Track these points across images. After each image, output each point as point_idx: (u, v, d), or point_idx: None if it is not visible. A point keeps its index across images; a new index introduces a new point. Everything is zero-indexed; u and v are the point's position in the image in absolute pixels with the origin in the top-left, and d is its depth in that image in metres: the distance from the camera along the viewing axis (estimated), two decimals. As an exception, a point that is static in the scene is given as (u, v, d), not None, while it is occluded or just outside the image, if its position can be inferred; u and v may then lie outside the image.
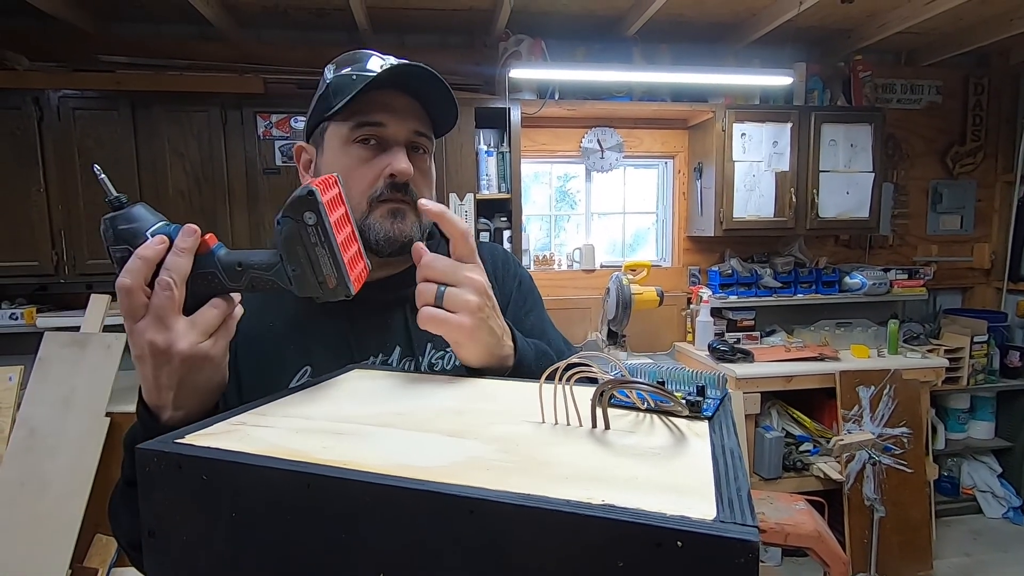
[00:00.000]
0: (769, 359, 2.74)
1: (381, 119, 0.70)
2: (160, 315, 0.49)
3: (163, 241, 0.50)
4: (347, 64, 0.72)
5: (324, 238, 0.50)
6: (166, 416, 0.53)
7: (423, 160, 0.74)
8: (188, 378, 0.51)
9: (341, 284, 0.51)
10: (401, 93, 0.71)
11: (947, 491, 3.19)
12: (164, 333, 0.49)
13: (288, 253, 0.50)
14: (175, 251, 0.49)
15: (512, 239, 2.74)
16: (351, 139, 0.70)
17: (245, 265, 0.51)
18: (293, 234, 0.50)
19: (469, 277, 0.58)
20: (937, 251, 3.44)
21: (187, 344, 0.49)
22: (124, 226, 0.50)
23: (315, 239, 0.50)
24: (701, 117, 2.97)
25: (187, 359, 0.50)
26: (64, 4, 2.37)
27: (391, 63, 0.70)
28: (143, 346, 0.49)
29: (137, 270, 0.48)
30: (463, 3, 2.55)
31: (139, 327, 0.49)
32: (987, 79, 3.35)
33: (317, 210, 0.49)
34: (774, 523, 1.89)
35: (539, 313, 0.86)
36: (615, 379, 0.43)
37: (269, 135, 2.49)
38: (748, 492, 0.31)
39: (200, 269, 0.51)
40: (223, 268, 0.51)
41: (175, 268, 0.49)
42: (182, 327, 0.49)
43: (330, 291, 0.51)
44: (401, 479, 0.32)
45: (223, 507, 0.36)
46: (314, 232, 0.49)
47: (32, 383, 2.13)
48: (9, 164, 2.32)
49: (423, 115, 0.73)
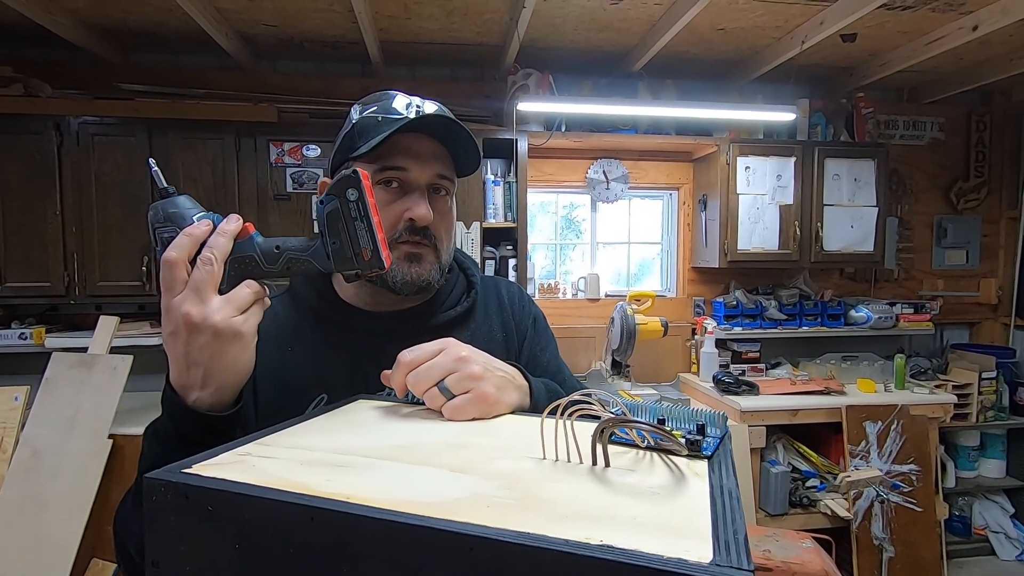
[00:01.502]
0: (774, 392, 2.72)
1: (404, 164, 0.72)
2: (199, 288, 0.52)
3: (209, 224, 0.53)
4: (373, 104, 0.74)
5: (363, 212, 0.54)
6: (193, 397, 0.54)
7: (444, 202, 0.76)
8: (219, 353, 0.53)
9: (375, 257, 0.55)
10: (425, 137, 0.73)
11: (958, 531, 3.11)
12: (200, 306, 0.51)
13: (329, 227, 0.55)
14: (218, 232, 0.53)
15: (517, 267, 2.76)
16: (373, 181, 0.72)
17: (283, 248, 0.55)
18: (335, 210, 0.54)
19: (452, 358, 0.58)
20: (943, 286, 3.44)
21: (221, 316, 0.52)
22: (173, 209, 0.55)
23: (355, 213, 0.54)
24: (705, 150, 3.02)
25: (220, 332, 0.52)
26: (89, 35, 2.46)
27: (416, 104, 0.72)
28: (178, 320, 0.51)
29: (183, 246, 0.52)
30: (473, 38, 2.63)
31: (176, 301, 0.52)
32: (989, 116, 3.39)
33: (359, 187, 0.54)
34: (780, 561, 1.85)
35: (553, 351, 0.87)
36: (615, 417, 0.43)
37: (281, 162, 2.55)
38: (745, 535, 0.32)
39: (240, 253, 0.54)
40: (261, 252, 0.55)
41: (216, 247, 0.52)
42: (217, 302, 0.52)
43: (365, 263, 0.55)
44: (402, 514, 0.33)
45: (227, 538, 0.37)
46: (355, 207, 0.54)
47: (37, 403, 2.14)
48: (28, 187, 2.38)
49: (446, 158, 0.75)
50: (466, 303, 0.81)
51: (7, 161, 2.36)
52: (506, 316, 0.85)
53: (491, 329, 0.83)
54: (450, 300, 0.82)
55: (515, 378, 0.63)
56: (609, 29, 2.54)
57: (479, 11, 2.35)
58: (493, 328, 0.83)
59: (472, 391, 0.56)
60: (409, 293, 0.74)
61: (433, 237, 0.74)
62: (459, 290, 0.84)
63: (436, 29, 2.52)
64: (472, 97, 2.90)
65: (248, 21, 2.42)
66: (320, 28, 2.50)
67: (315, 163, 2.58)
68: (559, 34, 2.60)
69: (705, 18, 2.35)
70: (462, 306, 0.81)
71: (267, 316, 0.78)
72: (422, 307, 0.80)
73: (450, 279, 0.84)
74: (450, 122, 0.71)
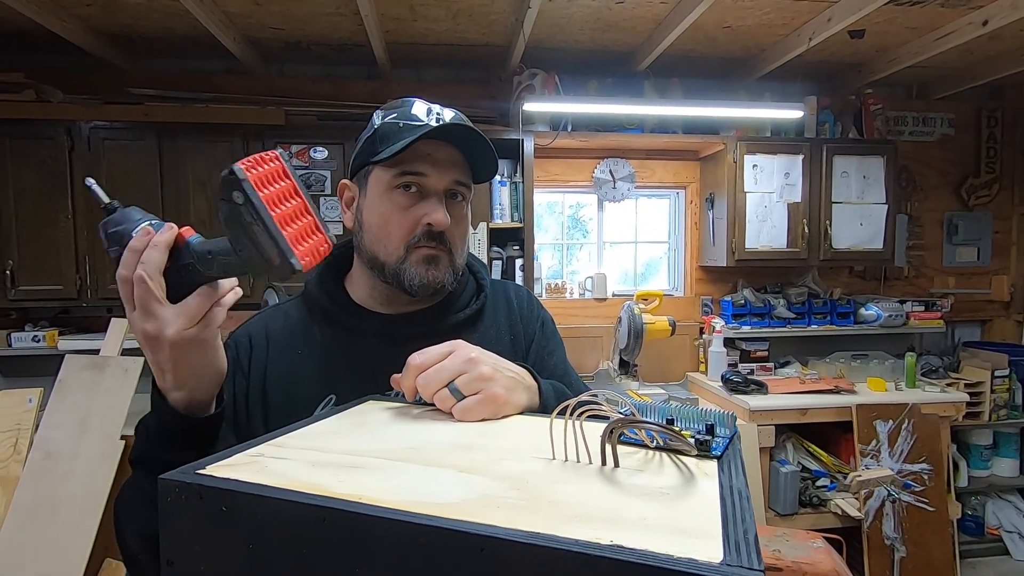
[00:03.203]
0: (784, 391, 2.70)
1: (423, 169, 0.73)
2: (144, 305, 0.52)
3: (148, 232, 0.53)
4: (394, 110, 0.76)
5: (256, 216, 0.49)
6: (172, 397, 0.57)
7: (460, 208, 0.78)
8: (182, 361, 0.55)
9: (284, 262, 0.50)
10: (444, 143, 0.74)
11: (971, 531, 3.08)
12: (152, 322, 0.52)
13: (232, 235, 0.51)
14: (150, 246, 0.52)
15: (524, 267, 2.76)
16: (393, 185, 0.74)
17: (213, 252, 0.53)
18: (229, 215, 0.49)
19: (461, 359, 0.59)
20: (954, 283, 3.40)
21: (174, 331, 0.52)
22: (114, 228, 0.54)
23: (249, 218, 0.49)
24: (712, 149, 3.01)
25: (176, 344, 0.53)
26: (99, 41, 2.49)
27: (436, 111, 0.74)
28: (138, 335, 0.54)
29: (129, 262, 0.52)
30: (479, 39, 2.64)
31: (133, 317, 0.53)
32: (1001, 111, 3.36)
33: (242, 188, 0.49)
34: (791, 561, 1.84)
35: (561, 355, 0.87)
36: (625, 418, 0.43)
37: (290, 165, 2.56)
38: (755, 535, 0.32)
39: (180, 261, 0.53)
40: (197, 257, 0.53)
41: (148, 261, 0.52)
42: (168, 315, 0.52)
43: (277, 268, 0.50)
44: (414, 515, 0.33)
45: (241, 538, 0.37)
46: (246, 211, 0.49)
47: (51, 405, 2.16)
48: (40, 191, 2.41)
49: (463, 164, 0.76)
50: (475, 306, 0.82)
51: (20, 166, 2.40)
52: (514, 319, 0.85)
53: (499, 332, 0.83)
54: (460, 303, 0.83)
55: (524, 379, 0.64)
56: (614, 28, 2.54)
57: (484, 12, 2.35)
58: (501, 331, 0.83)
59: (482, 392, 0.57)
60: (424, 296, 0.75)
61: (448, 242, 0.75)
62: (469, 293, 0.85)
63: (442, 31, 2.53)
64: (478, 98, 2.90)
65: (255, 25, 2.44)
66: (327, 31, 2.52)
67: (322, 165, 2.59)
68: (564, 34, 2.60)
69: (711, 16, 2.35)
70: (471, 308, 0.82)
71: (278, 318, 0.80)
72: (431, 309, 0.80)
73: (460, 282, 0.85)
74: (470, 130, 0.72)
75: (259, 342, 0.77)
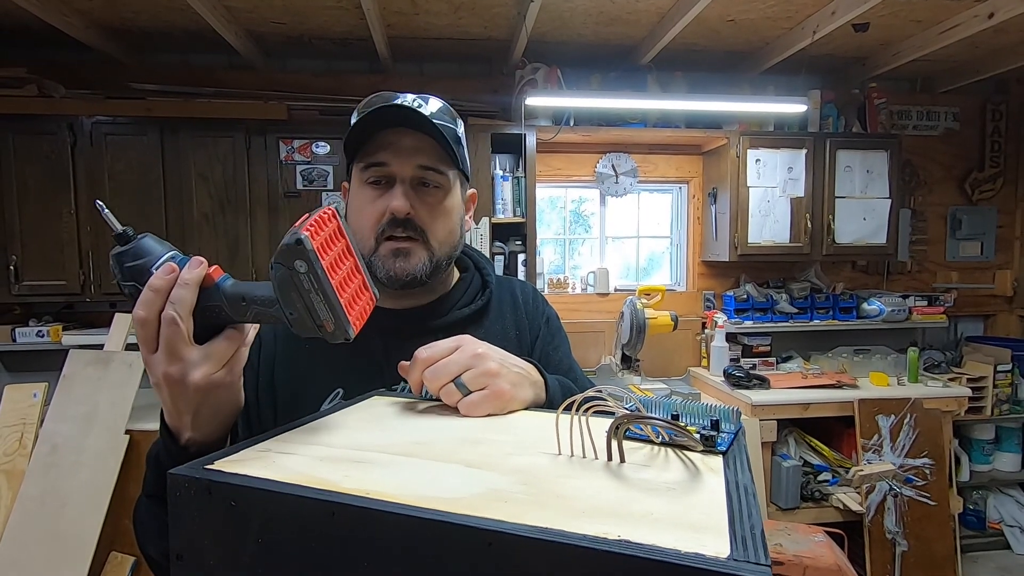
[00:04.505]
0: (786, 386, 2.70)
1: (384, 158, 0.72)
2: (171, 348, 0.49)
3: (173, 270, 0.50)
4: (364, 108, 0.74)
5: (318, 285, 0.48)
6: (185, 438, 0.54)
7: (432, 194, 0.74)
8: (204, 404, 0.52)
9: (339, 328, 0.49)
10: (408, 131, 0.72)
11: (973, 525, 3.08)
12: (177, 364, 0.49)
13: (284, 298, 0.49)
14: (180, 284, 0.49)
15: (526, 262, 2.76)
16: (363, 179, 0.74)
17: (248, 300, 0.50)
18: (286, 280, 0.48)
19: (468, 354, 0.59)
20: (957, 278, 3.39)
21: (201, 375, 0.50)
22: (131, 263, 0.50)
23: (308, 286, 0.48)
24: (715, 143, 2.99)
25: (201, 388, 0.50)
26: (101, 36, 2.48)
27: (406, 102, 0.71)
28: (159, 377, 0.50)
29: (150, 302, 0.49)
30: (481, 33, 2.62)
31: (155, 359, 0.50)
32: (1006, 105, 3.34)
33: (307, 258, 0.47)
34: (792, 555, 1.85)
35: (566, 351, 0.88)
36: (630, 413, 0.44)
37: (291, 159, 2.56)
38: (762, 530, 0.32)
39: (207, 302, 0.50)
40: (228, 302, 0.51)
41: (179, 301, 0.49)
42: (195, 357, 0.50)
43: (329, 335, 0.49)
44: (422, 510, 0.34)
45: (250, 532, 0.37)
46: (307, 279, 0.47)
47: (56, 400, 2.17)
48: (43, 187, 2.41)
49: (432, 150, 0.73)
50: (480, 301, 0.82)
51: (23, 161, 2.40)
52: (519, 315, 0.86)
53: (504, 327, 0.83)
54: (465, 298, 0.83)
55: (530, 374, 0.64)
56: (617, 22, 2.53)
57: (487, 5, 2.34)
58: (506, 327, 0.84)
59: (488, 387, 0.57)
60: (395, 288, 0.74)
61: (419, 230, 0.73)
62: (474, 289, 0.85)
63: (444, 24, 2.52)
64: (480, 92, 2.89)
65: (257, 19, 2.43)
66: (328, 25, 2.51)
67: (325, 160, 2.59)
68: (567, 28, 2.59)
69: (715, 9, 2.33)
70: (476, 304, 0.82)
71: None
72: (436, 304, 0.81)
73: (466, 278, 0.85)
74: (411, 112, 0.69)
75: (267, 338, 0.78)
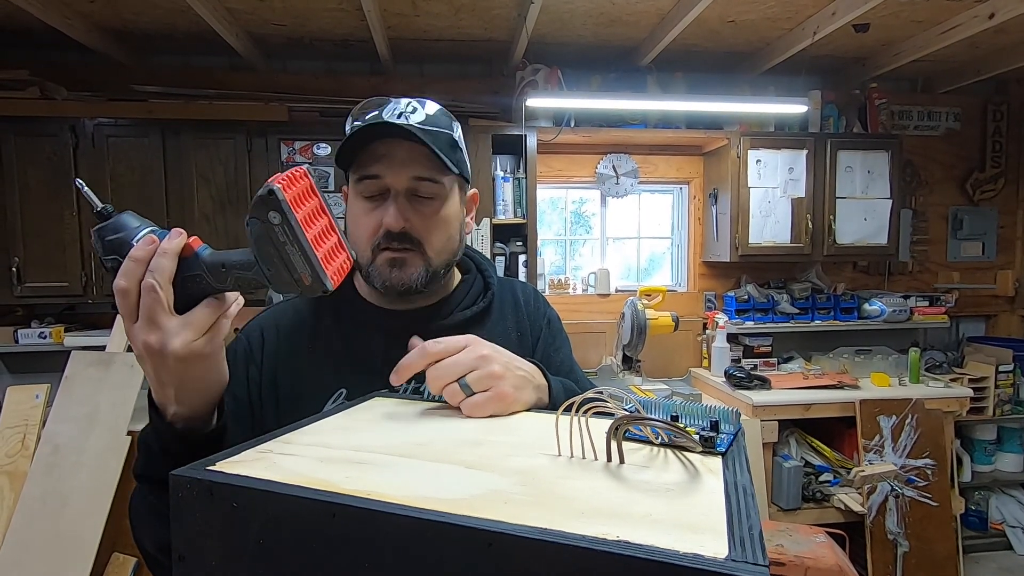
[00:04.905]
0: (787, 386, 2.70)
1: (377, 171, 0.71)
2: (150, 316, 0.50)
3: (152, 241, 0.51)
4: (359, 114, 0.74)
5: (292, 236, 0.48)
6: (171, 412, 0.55)
7: (427, 204, 0.73)
8: (186, 375, 0.53)
9: (316, 281, 0.50)
10: (401, 141, 0.70)
11: (975, 526, 3.08)
12: (157, 333, 0.50)
13: (260, 253, 0.49)
14: (159, 253, 0.50)
15: (527, 263, 2.76)
16: (359, 191, 0.74)
17: (228, 266, 0.51)
18: (261, 234, 0.48)
19: (474, 355, 0.59)
20: (959, 278, 3.39)
21: (180, 343, 0.50)
22: (111, 236, 0.52)
23: (284, 238, 0.48)
24: (716, 144, 3.00)
25: (181, 358, 0.51)
26: (102, 38, 2.49)
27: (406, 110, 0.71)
28: (139, 347, 0.51)
29: (131, 271, 0.50)
30: (481, 34, 2.63)
31: (136, 328, 0.51)
32: (1006, 105, 3.33)
33: (280, 209, 0.47)
34: (793, 556, 1.85)
35: (567, 352, 0.88)
36: (630, 414, 0.44)
37: (292, 161, 2.57)
38: (760, 531, 0.32)
39: (187, 272, 0.51)
40: (208, 269, 0.51)
41: (158, 269, 0.50)
42: (174, 326, 0.50)
43: (307, 287, 0.50)
44: (422, 511, 0.34)
45: (251, 533, 0.38)
46: (281, 230, 0.48)
47: (58, 401, 2.18)
48: (45, 188, 2.41)
49: (427, 158, 0.71)
50: (482, 303, 0.82)
51: (25, 163, 2.40)
52: (521, 317, 0.86)
53: (506, 329, 0.84)
54: (467, 300, 0.83)
55: (534, 377, 0.64)
56: (618, 23, 2.53)
57: (487, 7, 2.34)
58: (508, 328, 0.84)
59: (492, 389, 0.57)
60: (392, 296, 0.75)
61: (416, 241, 0.73)
62: (476, 290, 0.85)
63: (444, 26, 2.52)
64: (481, 93, 2.90)
65: (257, 21, 2.44)
66: (329, 27, 2.51)
67: (325, 161, 2.59)
68: (567, 29, 2.59)
69: (715, 10, 2.33)
70: (478, 306, 0.82)
71: (288, 313, 0.80)
72: (438, 306, 0.81)
73: (468, 279, 0.86)
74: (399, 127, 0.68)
75: (270, 336, 0.78)
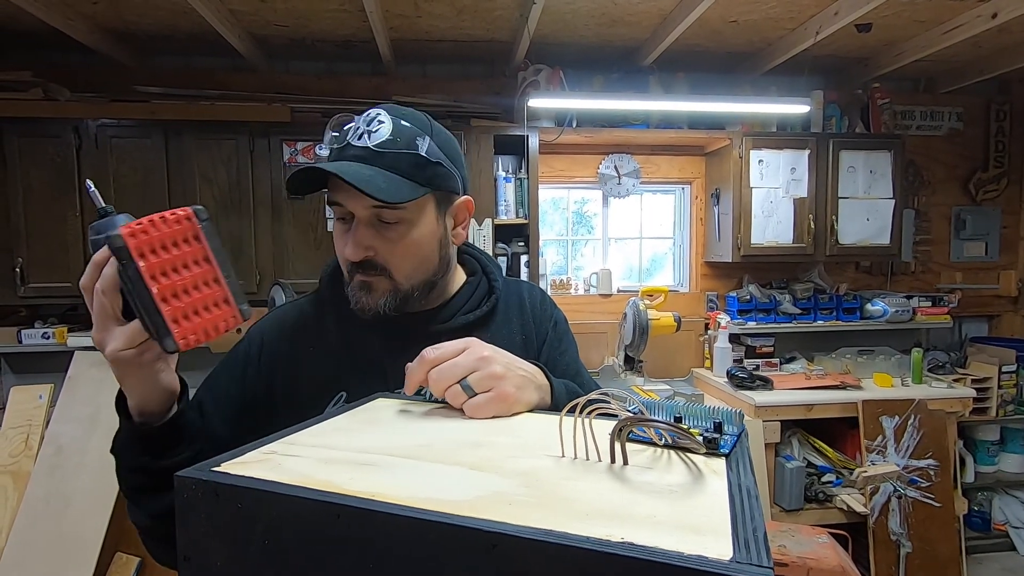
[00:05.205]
0: (789, 387, 2.70)
1: (339, 198, 0.71)
2: (98, 318, 0.55)
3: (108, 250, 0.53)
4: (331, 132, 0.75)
5: (132, 286, 0.45)
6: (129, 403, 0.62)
7: (393, 230, 0.72)
8: (123, 376, 0.59)
9: (156, 337, 0.47)
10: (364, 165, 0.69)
11: (978, 527, 3.07)
12: (100, 333, 0.56)
13: (124, 290, 0.49)
14: (110, 263, 0.53)
15: (529, 264, 2.76)
16: (334, 212, 0.75)
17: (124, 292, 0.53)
18: (120, 274, 0.46)
19: (475, 357, 0.59)
20: (961, 278, 3.38)
21: (110, 349, 0.55)
22: (95, 236, 0.55)
23: (129, 286, 0.46)
24: (718, 144, 2.99)
25: (114, 361, 0.56)
26: (105, 39, 2.50)
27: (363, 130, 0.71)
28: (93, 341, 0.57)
29: (88, 275, 0.55)
30: (483, 35, 2.63)
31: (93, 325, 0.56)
32: (1009, 105, 3.32)
33: (120, 256, 0.45)
34: (796, 557, 1.85)
35: (573, 354, 0.88)
36: (633, 416, 0.44)
37: (295, 162, 2.57)
38: (764, 533, 0.32)
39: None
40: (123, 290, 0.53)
41: (104, 277, 0.54)
42: (114, 332, 0.55)
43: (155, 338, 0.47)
44: (426, 512, 0.34)
45: (256, 534, 0.38)
46: (124, 278, 0.45)
47: (61, 401, 2.18)
48: (48, 189, 2.42)
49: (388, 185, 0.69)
50: (486, 307, 0.82)
51: (28, 164, 2.41)
52: (526, 319, 0.85)
53: (511, 332, 0.83)
54: (470, 303, 0.83)
55: (536, 377, 0.64)
56: (620, 23, 2.53)
57: (489, 8, 2.34)
58: (513, 331, 0.84)
59: (493, 390, 0.57)
60: (365, 318, 0.75)
61: (380, 267, 0.73)
62: (480, 293, 0.84)
63: (446, 27, 2.53)
64: (483, 94, 2.90)
65: (260, 22, 2.44)
66: (331, 28, 2.51)
67: (327, 162, 2.59)
68: (569, 29, 2.59)
69: (717, 10, 2.33)
70: (482, 310, 0.82)
71: (293, 314, 0.81)
72: (441, 309, 0.81)
73: (472, 281, 0.85)
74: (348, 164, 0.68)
75: (273, 337, 0.79)
